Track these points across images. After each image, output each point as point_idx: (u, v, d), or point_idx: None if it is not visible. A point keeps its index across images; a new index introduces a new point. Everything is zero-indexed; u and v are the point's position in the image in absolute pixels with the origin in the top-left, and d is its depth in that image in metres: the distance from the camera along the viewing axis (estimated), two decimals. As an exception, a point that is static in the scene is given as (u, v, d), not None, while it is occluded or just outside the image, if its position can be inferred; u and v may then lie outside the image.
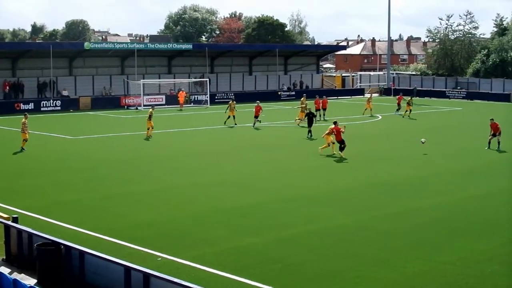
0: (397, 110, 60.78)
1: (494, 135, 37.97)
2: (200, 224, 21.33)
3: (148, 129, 42.90)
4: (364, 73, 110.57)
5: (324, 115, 56.09)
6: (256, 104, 50.82)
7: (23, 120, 37.20)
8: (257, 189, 26.90)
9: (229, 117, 50.52)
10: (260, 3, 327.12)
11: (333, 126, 35.14)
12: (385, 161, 33.85)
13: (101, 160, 34.26)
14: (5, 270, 14.42)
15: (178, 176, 29.80)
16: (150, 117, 42.90)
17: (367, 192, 26.47)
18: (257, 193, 25.99)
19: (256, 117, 50.04)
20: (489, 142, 37.93)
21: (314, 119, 44.99)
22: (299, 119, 50.84)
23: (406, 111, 57.53)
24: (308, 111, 45.39)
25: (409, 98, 60.18)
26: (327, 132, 35.45)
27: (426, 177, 29.86)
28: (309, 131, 43.14)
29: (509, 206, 24.09)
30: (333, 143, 35.39)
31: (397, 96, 64.73)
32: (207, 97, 72.16)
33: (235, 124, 49.74)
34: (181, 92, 68.74)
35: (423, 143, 36.70)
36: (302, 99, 55.11)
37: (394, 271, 16.66)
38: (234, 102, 53.30)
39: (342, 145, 34.56)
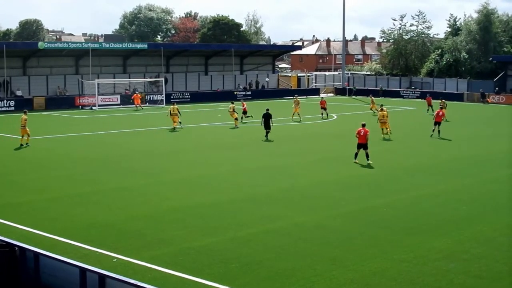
0: (428, 110, 61.76)
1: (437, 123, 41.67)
2: (156, 224, 21.23)
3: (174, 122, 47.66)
4: (319, 73, 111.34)
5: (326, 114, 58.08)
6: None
7: (24, 116, 38.64)
8: (213, 188, 26.86)
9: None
10: (216, 3, 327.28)
11: (360, 128, 32.93)
12: (337, 161, 34.04)
13: (55, 160, 33.92)
14: (-42, 273, 14.18)
15: (134, 176, 29.62)
16: (170, 113, 47.74)
17: (321, 191, 26.59)
18: (213, 193, 25.95)
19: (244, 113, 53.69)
20: (433, 130, 42.35)
21: (270, 121, 43.00)
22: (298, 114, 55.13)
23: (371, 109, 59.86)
24: (266, 111, 43.66)
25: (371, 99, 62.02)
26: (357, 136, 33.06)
27: (378, 175, 30.16)
28: (267, 133, 42.63)
29: (465, 204, 24.42)
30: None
31: (426, 98, 65.73)
32: (163, 97, 71.87)
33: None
34: (135, 95, 68.18)
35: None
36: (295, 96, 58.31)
37: (350, 270, 16.76)
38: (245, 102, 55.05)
39: (366, 150, 32.71)
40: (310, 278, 16.15)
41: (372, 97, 64.27)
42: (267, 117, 42.61)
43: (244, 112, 53.53)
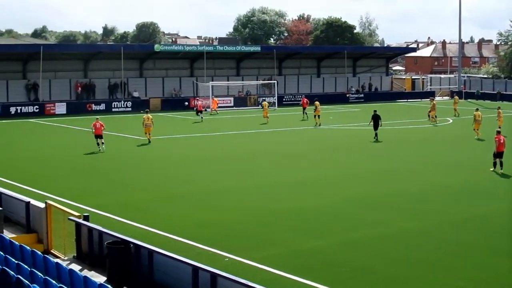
0: None
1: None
2: (266, 225, 21.35)
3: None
4: (434, 75, 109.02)
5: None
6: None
7: (148, 115, 41.46)
8: (324, 191, 26.75)
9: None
10: (329, 5, 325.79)
11: (496, 135, 31.49)
12: (446, 166, 33.21)
13: (169, 160, 34.65)
14: (76, 267, 14.70)
15: (244, 176, 29.90)
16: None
17: (429, 196, 26.03)
18: (323, 196, 25.84)
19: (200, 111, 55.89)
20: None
21: (379, 122, 43.66)
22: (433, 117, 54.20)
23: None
24: (374, 113, 44.05)
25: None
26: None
27: (489, 181, 29.20)
28: (376, 134, 42.70)
29: None
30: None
31: None
32: (275, 99, 72.20)
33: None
34: (212, 99, 67.90)
35: None
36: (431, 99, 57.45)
37: (462, 279, 16.34)
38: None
39: (501, 158, 30.88)
40: (421, 286, 15.85)
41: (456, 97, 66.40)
42: (376, 118, 43.28)
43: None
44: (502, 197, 26.18)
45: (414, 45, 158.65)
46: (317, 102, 53.04)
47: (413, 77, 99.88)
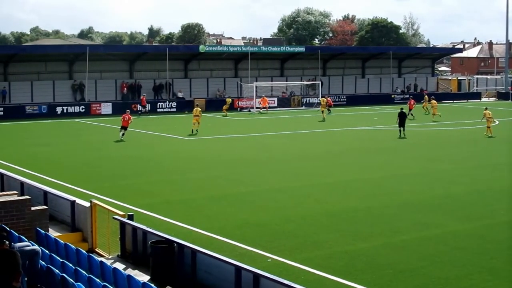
0: None
1: None
2: (309, 226, 21.29)
3: None
4: (480, 76, 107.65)
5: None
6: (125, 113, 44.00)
7: (197, 108, 47.56)
8: (366, 193, 26.54)
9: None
10: (374, 5, 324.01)
11: None
12: (494, 168, 32.74)
13: (211, 160, 34.76)
14: (120, 266, 14.82)
15: (287, 177, 29.87)
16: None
17: (478, 199, 25.68)
18: (366, 198, 25.67)
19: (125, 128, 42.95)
20: None
21: (405, 119, 45.62)
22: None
23: None
24: (400, 111, 45.84)
25: None
26: None
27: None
28: (400, 131, 44.33)
29: None
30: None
31: None
32: (319, 100, 72.00)
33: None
34: (263, 98, 68.00)
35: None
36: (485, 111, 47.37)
37: (509, 281, 16.11)
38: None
39: None
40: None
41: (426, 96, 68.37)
42: (402, 116, 45.06)
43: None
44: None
45: (460, 46, 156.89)
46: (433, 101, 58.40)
47: (459, 78, 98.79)
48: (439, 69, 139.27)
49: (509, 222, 21.95)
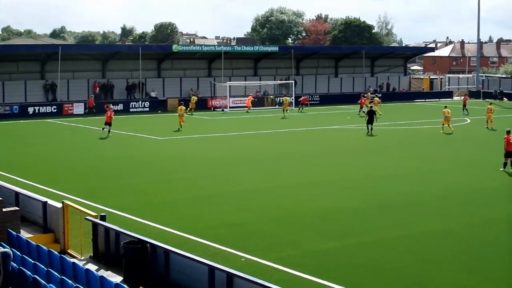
0: None
1: None
2: (284, 226, 21.31)
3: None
4: (452, 75, 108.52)
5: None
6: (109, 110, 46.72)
7: (181, 107, 49.67)
8: (346, 193, 26.58)
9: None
10: (347, 5, 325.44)
11: (505, 135, 31.40)
12: (475, 167, 33.06)
13: (186, 161, 34.65)
14: (93, 267, 14.74)
15: (262, 177, 29.87)
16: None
17: (460, 198, 25.90)
18: (346, 198, 25.73)
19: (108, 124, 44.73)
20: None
21: (374, 117, 47.04)
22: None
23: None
24: (369, 109, 48.13)
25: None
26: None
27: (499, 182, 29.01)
28: (368, 128, 46.05)
29: None
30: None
31: None
32: (292, 99, 72.13)
33: None
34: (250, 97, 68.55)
35: None
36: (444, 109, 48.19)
37: (487, 281, 16.25)
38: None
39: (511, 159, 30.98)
40: (441, 286, 15.77)
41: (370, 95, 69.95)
42: (371, 114, 46.86)
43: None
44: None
45: (433, 45, 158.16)
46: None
47: (431, 77, 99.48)
48: (412, 68, 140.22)
49: (488, 221, 22.14)
